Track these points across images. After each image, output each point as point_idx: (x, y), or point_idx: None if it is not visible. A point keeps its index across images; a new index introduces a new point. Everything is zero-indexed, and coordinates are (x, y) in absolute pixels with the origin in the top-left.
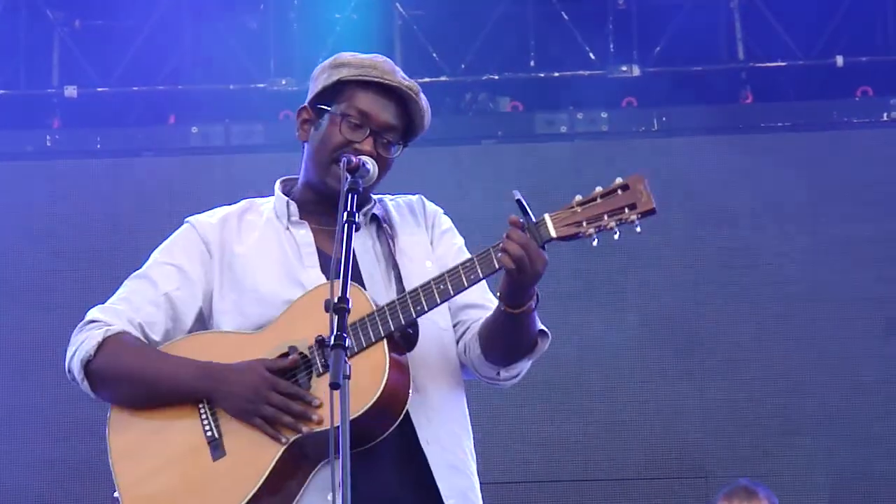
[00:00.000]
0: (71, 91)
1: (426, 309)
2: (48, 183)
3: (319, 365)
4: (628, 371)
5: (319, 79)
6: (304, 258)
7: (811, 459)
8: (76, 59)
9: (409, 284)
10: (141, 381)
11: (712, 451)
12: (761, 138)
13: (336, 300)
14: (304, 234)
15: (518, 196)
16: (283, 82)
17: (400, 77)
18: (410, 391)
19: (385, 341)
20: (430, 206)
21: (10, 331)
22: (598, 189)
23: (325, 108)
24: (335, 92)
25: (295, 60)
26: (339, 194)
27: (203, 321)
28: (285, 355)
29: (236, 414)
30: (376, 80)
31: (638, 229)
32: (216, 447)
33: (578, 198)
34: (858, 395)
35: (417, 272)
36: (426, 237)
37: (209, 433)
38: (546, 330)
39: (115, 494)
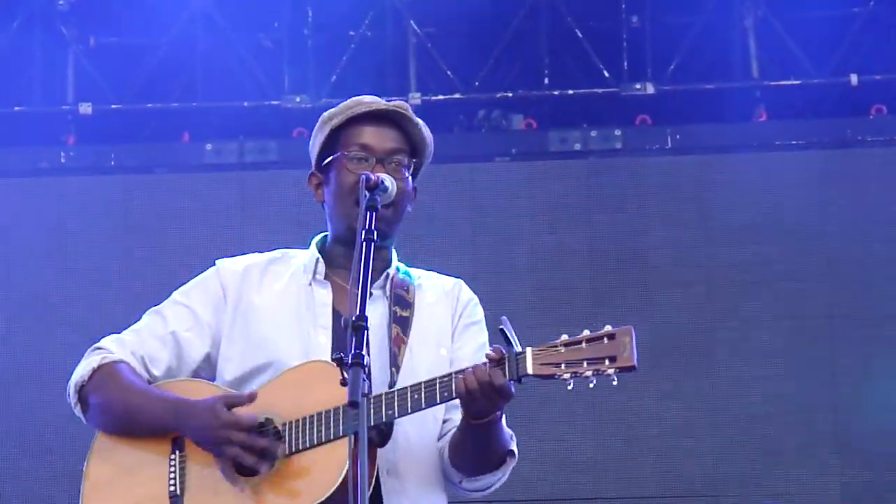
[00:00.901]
0: (85, 108)
1: (396, 415)
2: (62, 199)
3: (290, 445)
4: (641, 389)
5: (315, 143)
6: (317, 318)
7: (826, 479)
8: (91, 76)
9: (412, 368)
10: (121, 410)
11: (725, 470)
12: (775, 156)
13: (354, 318)
14: (325, 293)
15: (503, 325)
16: (297, 99)
17: (393, 103)
18: (369, 487)
19: (352, 436)
20: (466, 293)
21: (21, 347)
22: (586, 332)
23: (330, 162)
24: (332, 145)
25: (309, 78)
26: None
27: (212, 364)
28: (260, 426)
29: (204, 447)
30: (363, 111)
31: (615, 382)
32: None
33: (564, 337)
34: (875, 414)
35: (427, 357)
36: (449, 324)
37: (172, 488)
38: (514, 451)
39: None
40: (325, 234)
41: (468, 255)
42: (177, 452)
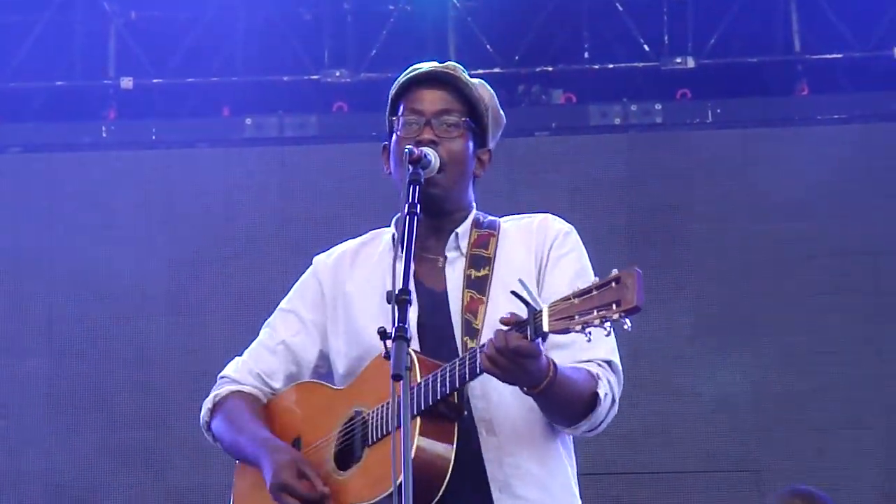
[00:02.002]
0: (127, 82)
1: (448, 391)
2: (104, 173)
3: (372, 434)
4: (682, 363)
5: (387, 114)
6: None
7: (867, 455)
8: (132, 51)
9: (495, 324)
10: (232, 448)
11: (766, 445)
12: (817, 130)
13: (398, 292)
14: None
15: (514, 289)
16: (337, 74)
17: (441, 65)
18: (451, 466)
19: (418, 420)
20: (555, 226)
21: (68, 320)
22: (595, 280)
23: (389, 130)
24: (394, 113)
25: (349, 52)
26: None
27: (328, 360)
28: (351, 420)
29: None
30: (414, 75)
31: (626, 326)
32: None
33: (577, 288)
34: None
35: (510, 307)
36: (534, 264)
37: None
38: (599, 393)
39: None
40: None
41: None
42: None
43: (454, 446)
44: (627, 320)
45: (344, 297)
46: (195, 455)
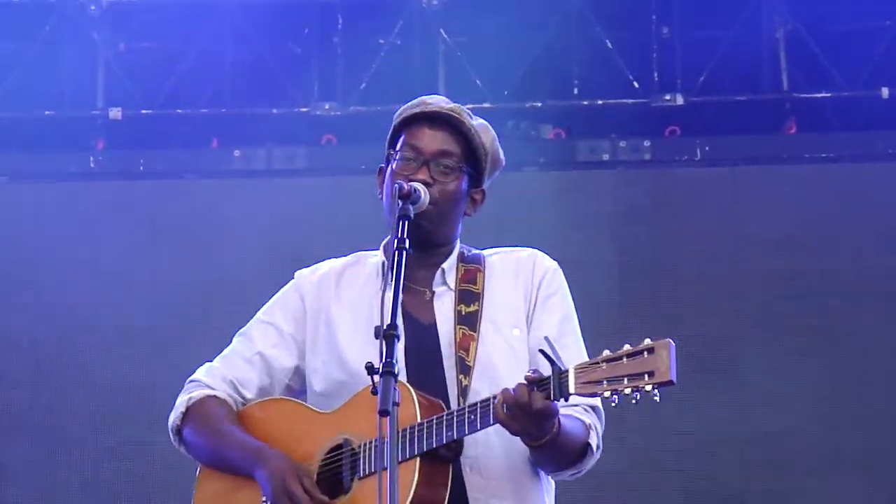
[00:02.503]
0: (115, 113)
1: (455, 436)
2: (91, 204)
3: (364, 466)
4: (668, 400)
5: (387, 138)
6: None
7: (855, 496)
8: (121, 82)
9: (486, 361)
10: (208, 452)
11: (752, 484)
12: (805, 169)
13: (386, 327)
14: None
15: (542, 347)
16: (327, 107)
17: (447, 105)
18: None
19: (418, 459)
20: (542, 263)
21: (52, 352)
22: (626, 347)
23: (386, 160)
24: (394, 142)
25: (338, 85)
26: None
27: (301, 376)
28: (338, 447)
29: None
30: (421, 111)
31: (656, 398)
32: None
33: (606, 353)
34: None
35: (500, 343)
36: (523, 302)
37: (264, 499)
38: (591, 444)
39: None
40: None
41: None
42: None
43: (448, 488)
44: (657, 392)
45: (327, 319)
46: (183, 485)
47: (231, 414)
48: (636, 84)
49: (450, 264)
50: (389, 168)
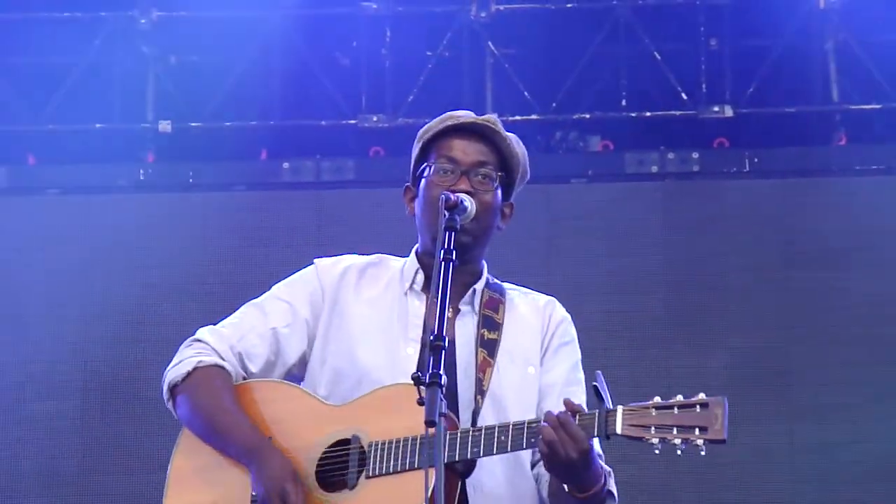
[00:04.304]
0: (165, 126)
1: (481, 454)
2: (141, 216)
3: (372, 467)
4: None
5: (412, 156)
6: (408, 330)
7: None
8: (170, 94)
9: (499, 390)
10: (207, 424)
11: (803, 495)
12: (855, 181)
13: (433, 338)
14: (419, 305)
15: (597, 382)
16: (375, 119)
17: (481, 117)
18: None
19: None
20: (559, 313)
21: (101, 363)
22: (679, 398)
23: (420, 174)
24: (424, 158)
25: (386, 97)
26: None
27: (304, 362)
28: (345, 441)
29: (259, 493)
30: (453, 124)
31: (703, 453)
32: None
33: (657, 400)
34: None
35: (514, 376)
36: (538, 344)
37: (254, 493)
38: (613, 491)
39: None
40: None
41: (543, 277)
42: None
43: (455, 502)
44: (705, 447)
45: (344, 313)
46: None
47: (234, 390)
48: (684, 96)
49: (480, 286)
50: (424, 181)
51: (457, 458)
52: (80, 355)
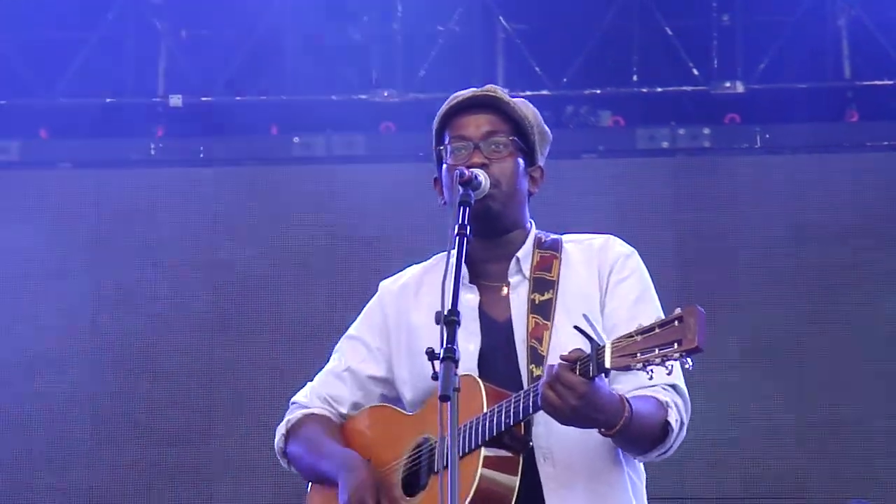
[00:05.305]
0: (175, 100)
1: (511, 422)
2: (151, 191)
3: (440, 462)
4: (727, 389)
5: (433, 150)
6: (467, 325)
7: None
8: (181, 69)
9: (561, 349)
10: (308, 467)
11: (813, 472)
12: (866, 157)
13: (446, 312)
14: (472, 298)
15: (578, 324)
16: (385, 94)
17: (480, 90)
18: (514, 498)
19: (482, 450)
20: (615, 249)
21: (112, 337)
22: (659, 317)
23: (438, 161)
24: (440, 143)
25: (397, 72)
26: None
27: (393, 387)
28: (419, 445)
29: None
30: (455, 103)
31: (688, 366)
32: None
33: (640, 325)
34: None
35: (574, 331)
36: (596, 288)
37: None
38: (671, 421)
39: None
40: None
41: None
42: None
43: (518, 478)
44: (689, 360)
45: (408, 327)
46: (240, 472)
47: (329, 428)
48: (696, 71)
49: (525, 252)
50: (444, 165)
51: (494, 433)
52: (90, 329)
